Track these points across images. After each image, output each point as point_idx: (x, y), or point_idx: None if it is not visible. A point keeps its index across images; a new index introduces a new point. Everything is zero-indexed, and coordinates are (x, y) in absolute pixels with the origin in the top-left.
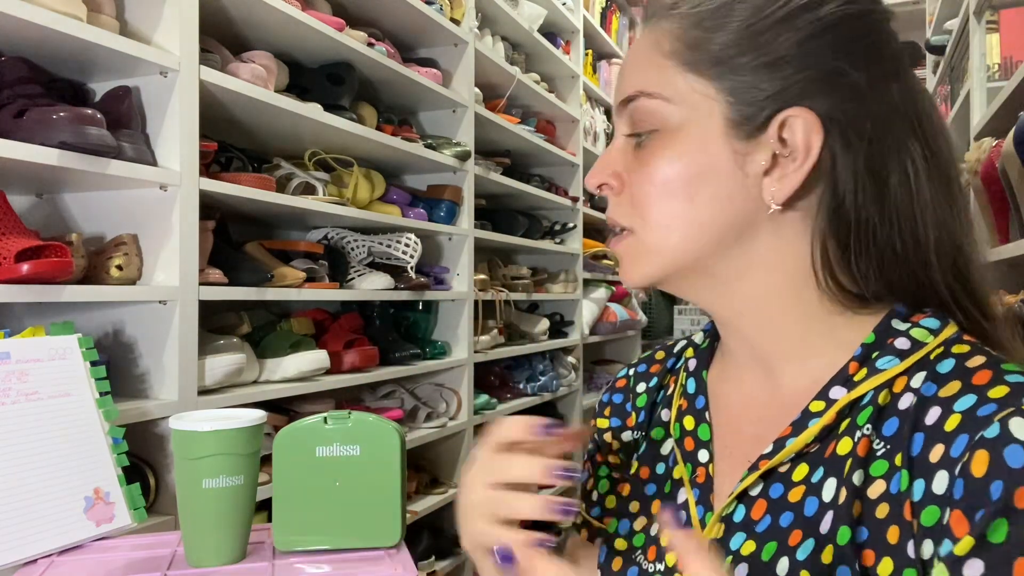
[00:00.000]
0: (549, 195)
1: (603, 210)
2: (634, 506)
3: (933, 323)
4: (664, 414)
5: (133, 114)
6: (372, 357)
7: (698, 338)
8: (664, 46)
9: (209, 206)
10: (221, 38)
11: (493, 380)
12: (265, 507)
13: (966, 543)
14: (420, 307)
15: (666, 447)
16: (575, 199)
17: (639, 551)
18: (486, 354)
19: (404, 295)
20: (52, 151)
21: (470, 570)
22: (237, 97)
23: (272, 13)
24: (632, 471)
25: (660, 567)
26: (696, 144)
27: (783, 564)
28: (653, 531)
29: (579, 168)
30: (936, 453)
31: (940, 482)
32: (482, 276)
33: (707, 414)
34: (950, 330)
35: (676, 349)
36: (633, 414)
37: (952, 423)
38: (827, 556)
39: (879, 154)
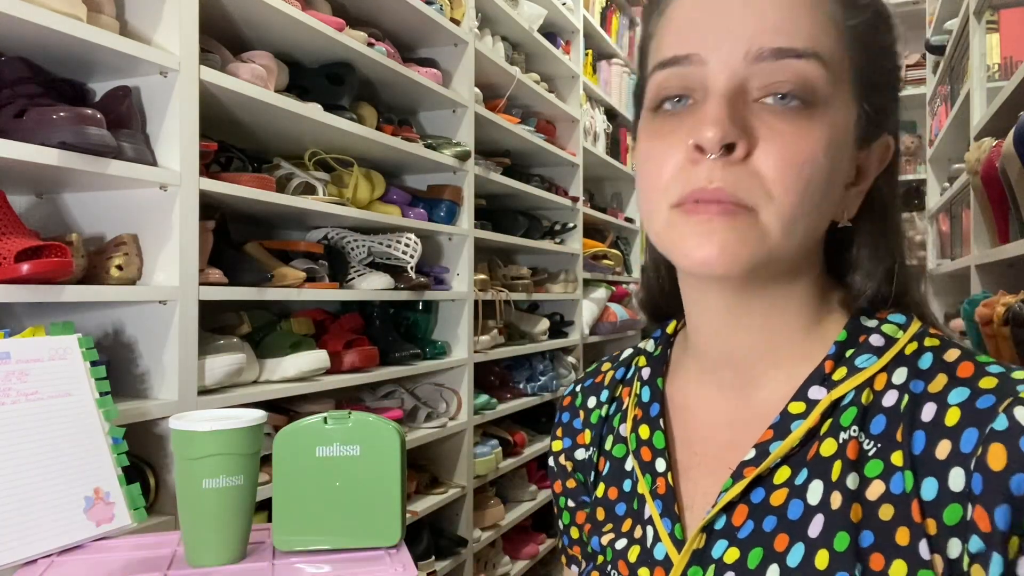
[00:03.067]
0: (549, 195)
1: (603, 210)
2: (607, 526)
3: (899, 318)
4: (622, 429)
5: (133, 114)
6: (372, 357)
7: (649, 346)
8: (839, 15)
9: (209, 206)
10: (221, 38)
11: (493, 380)
12: (265, 507)
13: (1015, 543)
14: (420, 307)
15: (629, 463)
16: (575, 199)
17: (610, 565)
18: (486, 354)
19: (404, 295)
20: (52, 151)
21: (470, 570)
22: (237, 97)
23: (272, 13)
24: (600, 494)
25: None
26: (842, 136)
27: (773, 571)
28: (619, 545)
29: (579, 168)
30: (943, 450)
31: (956, 479)
32: (482, 276)
33: (661, 422)
34: (916, 325)
35: (623, 358)
36: (586, 431)
37: (952, 417)
38: (821, 562)
39: (893, 174)
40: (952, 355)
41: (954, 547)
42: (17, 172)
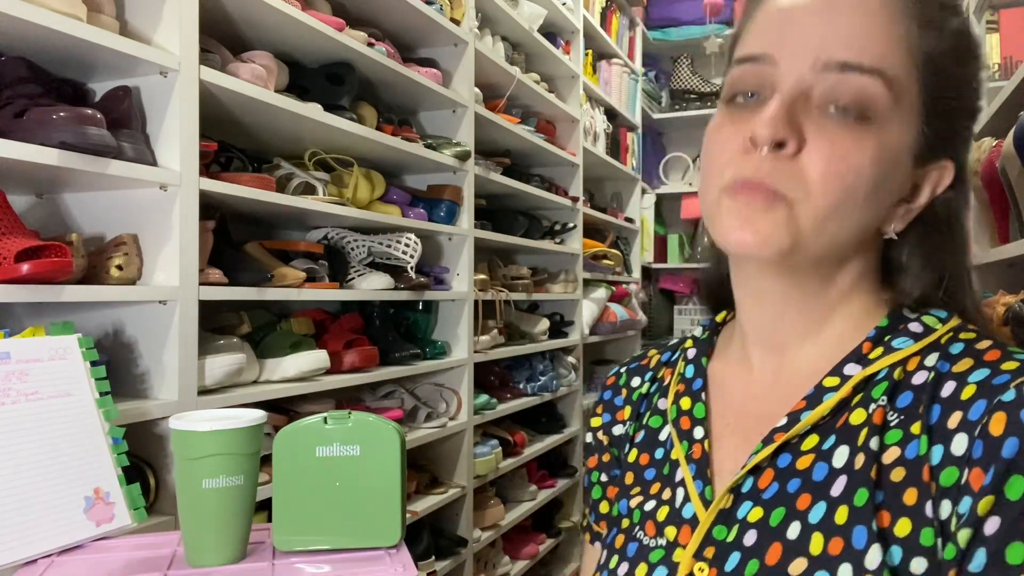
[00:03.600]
0: (549, 195)
1: (603, 210)
2: (635, 489)
3: (941, 313)
4: (661, 403)
5: (133, 114)
6: (372, 357)
7: (698, 331)
8: (915, 38)
9: (209, 206)
10: (221, 38)
11: (493, 380)
12: (265, 507)
13: (987, 502)
14: (420, 307)
15: (664, 433)
16: (575, 199)
17: (637, 527)
18: (486, 354)
19: (404, 295)
20: (52, 151)
21: (470, 570)
22: (237, 97)
23: (272, 13)
24: (632, 459)
25: (661, 541)
26: (894, 155)
27: (794, 528)
28: (648, 507)
29: (579, 168)
30: (954, 420)
31: (959, 444)
32: (482, 276)
33: (703, 395)
34: (956, 320)
35: (670, 344)
36: (627, 408)
37: (968, 392)
38: (841, 517)
39: (958, 193)
40: (984, 344)
41: (945, 508)
42: (17, 172)
